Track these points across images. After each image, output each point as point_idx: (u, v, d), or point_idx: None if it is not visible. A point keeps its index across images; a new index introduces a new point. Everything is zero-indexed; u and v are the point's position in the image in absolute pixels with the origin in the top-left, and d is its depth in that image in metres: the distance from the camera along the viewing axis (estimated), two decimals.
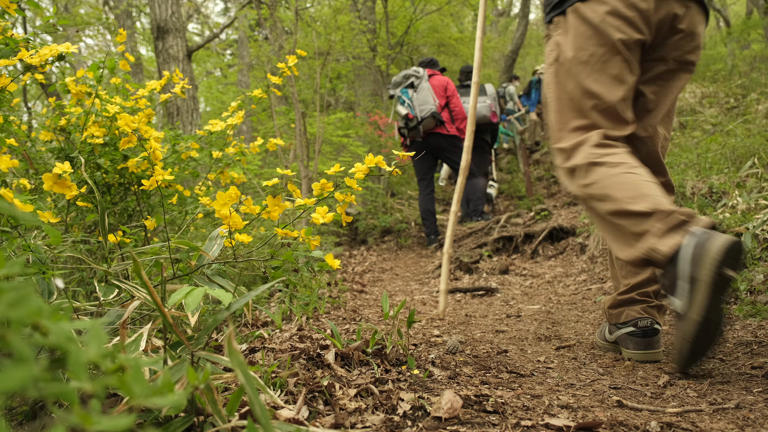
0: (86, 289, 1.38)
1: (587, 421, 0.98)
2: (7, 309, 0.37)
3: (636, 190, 1.38)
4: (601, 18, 1.53)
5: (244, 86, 12.44)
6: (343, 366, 1.23)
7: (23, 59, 1.28)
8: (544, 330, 2.11)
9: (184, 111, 5.83)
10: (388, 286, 3.61)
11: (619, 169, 1.43)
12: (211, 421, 0.75)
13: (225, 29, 9.53)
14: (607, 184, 1.42)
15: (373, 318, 2.24)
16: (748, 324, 1.89)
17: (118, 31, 1.77)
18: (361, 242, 6.13)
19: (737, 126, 4.36)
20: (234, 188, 1.02)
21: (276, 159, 8.07)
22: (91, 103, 1.64)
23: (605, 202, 1.41)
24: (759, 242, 2.37)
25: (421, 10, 9.23)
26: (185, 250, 1.13)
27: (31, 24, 9.41)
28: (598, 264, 3.62)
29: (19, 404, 0.83)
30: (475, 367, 1.42)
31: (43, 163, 1.81)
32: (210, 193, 2.36)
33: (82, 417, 0.36)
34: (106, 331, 0.94)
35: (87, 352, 0.41)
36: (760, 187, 2.97)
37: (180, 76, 1.90)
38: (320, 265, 1.17)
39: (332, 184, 1.13)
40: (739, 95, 6.61)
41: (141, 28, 14.24)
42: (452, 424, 0.96)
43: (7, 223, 1.07)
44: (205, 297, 1.42)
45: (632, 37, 1.52)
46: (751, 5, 9.84)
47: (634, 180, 1.40)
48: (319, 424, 0.90)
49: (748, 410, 1.08)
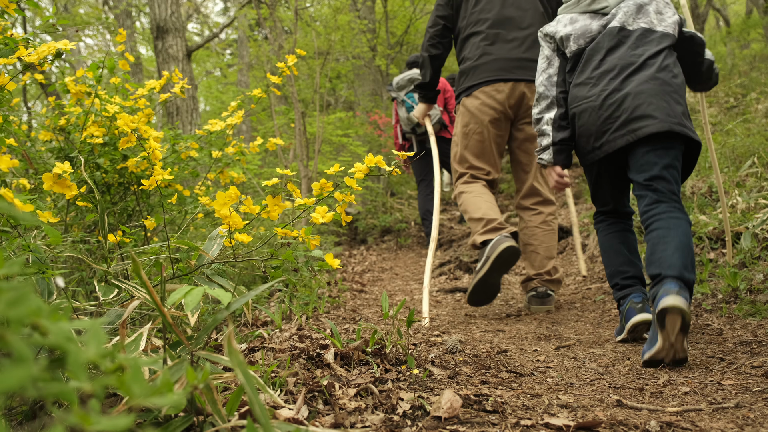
0: (86, 288, 1.38)
1: (587, 421, 0.98)
2: (6, 308, 0.37)
3: (476, 206, 2.48)
4: (476, 107, 2.57)
5: (243, 86, 12.43)
6: (343, 365, 1.23)
7: (22, 57, 1.28)
8: (544, 329, 2.11)
9: (184, 111, 5.83)
10: (388, 286, 3.60)
11: (472, 195, 2.54)
12: (211, 421, 0.75)
13: (224, 29, 9.53)
14: (465, 201, 2.55)
15: (373, 318, 2.24)
16: (747, 323, 1.89)
17: (118, 30, 1.77)
18: (361, 242, 6.13)
19: (737, 125, 4.36)
20: (234, 188, 1.02)
21: (276, 159, 8.07)
22: (91, 103, 1.64)
23: (465, 212, 2.54)
24: (759, 241, 2.37)
25: (420, 9, 9.23)
26: (185, 249, 1.13)
27: (31, 24, 9.41)
28: (598, 263, 3.62)
29: (19, 404, 0.83)
30: (475, 366, 1.42)
31: (42, 162, 1.81)
32: (210, 193, 2.36)
33: (82, 417, 0.36)
34: (105, 331, 0.94)
35: (86, 351, 0.41)
36: (759, 186, 2.97)
37: (179, 75, 1.90)
38: (320, 265, 1.17)
39: (332, 184, 1.13)
40: (739, 94, 6.61)
41: (140, 28, 14.23)
42: (452, 424, 0.96)
43: (7, 223, 1.07)
44: (205, 297, 1.42)
45: (496, 117, 2.57)
46: (750, 4, 9.85)
47: (478, 201, 2.50)
48: (318, 424, 0.90)
49: (747, 409, 1.08)
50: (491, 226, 2.36)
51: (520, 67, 2.53)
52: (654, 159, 1.69)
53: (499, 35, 2.58)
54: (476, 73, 2.58)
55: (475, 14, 2.64)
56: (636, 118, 1.70)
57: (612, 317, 2.32)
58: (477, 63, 2.58)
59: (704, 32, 10.07)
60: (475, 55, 2.60)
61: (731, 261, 2.33)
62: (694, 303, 2.24)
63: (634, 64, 1.75)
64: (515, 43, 2.57)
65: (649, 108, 1.69)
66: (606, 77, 1.78)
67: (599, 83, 1.79)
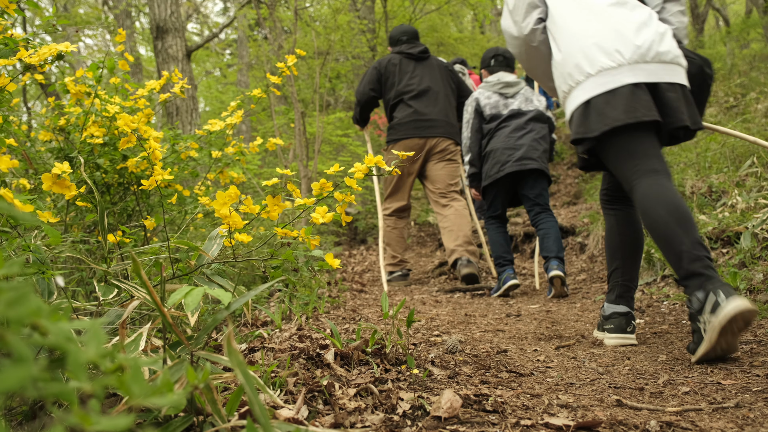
0: (86, 288, 1.38)
1: (587, 420, 0.98)
2: (6, 309, 0.37)
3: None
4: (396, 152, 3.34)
5: (243, 86, 12.42)
6: (343, 365, 1.23)
7: (22, 59, 1.28)
8: (544, 329, 2.11)
9: (184, 111, 5.83)
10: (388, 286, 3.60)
11: (393, 220, 3.82)
12: (211, 421, 0.75)
13: (224, 29, 9.52)
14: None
15: (373, 317, 2.24)
16: None
17: (118, 30, 1.77)
18: (361, 242, 6.12)
19: (736, 125, 4.36)
20: (233, 188, 1.02)
21: (275, 159, 8.06)
22: (91, 103, 1.64)
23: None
24: (758, 241, 2.37)
25: (420, 9, 9.23)
26: (185, 249, 1.13)
27: (31, 24, 9.40)
28: (598, 263, 3.62)
29: (19, 404, 0.83)
30: (475, 366, 1.42)
31: (42, 163, 1.81)
32: (209, 193, 2.36)
33: (82, 417, 0.36)
34: (105, 331, 0.94)
35: (86, 352, 0.41)
36: (759, 186, 2.97)
37: (179, 75, 1.90)
38: (320, 265, 1.17)
39: (332, 184, 1.13)
40: (739, 94, 6.60)
41: (140, 28, 14.23)
42: (452, 424, 0.96)
43: (7, 223, 1.07)
44: (205, 297, 1.41)
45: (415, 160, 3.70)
46: (750, 4, 9.84)
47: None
48: (318, 424, 0.90)
49: (747, 409, 1.08)
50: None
51: (432, 126, 3.65)
52: (536, 184, 3.24)
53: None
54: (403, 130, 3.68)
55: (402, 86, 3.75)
56: (524, 158, 3.17)
57: None
58: (403, 121, 3.67)
59: (704, 32, 10.07)
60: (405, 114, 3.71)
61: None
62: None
63: (525, 129, 3.26)
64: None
65: (531, 154, 3.18)
66: (510, 135, 3.26)
67: (506, 137, 3.26)
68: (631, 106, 1.62)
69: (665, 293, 2.52)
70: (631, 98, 1.62)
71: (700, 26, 8.85)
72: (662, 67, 1.66)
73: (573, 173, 6.69)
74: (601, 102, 1.66)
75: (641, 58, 1.65)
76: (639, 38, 1.66)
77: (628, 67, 1.65)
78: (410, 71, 3.72)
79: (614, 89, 1.64)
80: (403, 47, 3.80)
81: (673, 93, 1.65)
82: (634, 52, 1.65)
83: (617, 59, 1.65)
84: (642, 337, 1.87)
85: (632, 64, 1.65)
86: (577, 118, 1.73)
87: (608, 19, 1.72)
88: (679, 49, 1.71)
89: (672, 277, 2.67)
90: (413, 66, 3.74)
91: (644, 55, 1.65)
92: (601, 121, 1.65)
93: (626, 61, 1.65)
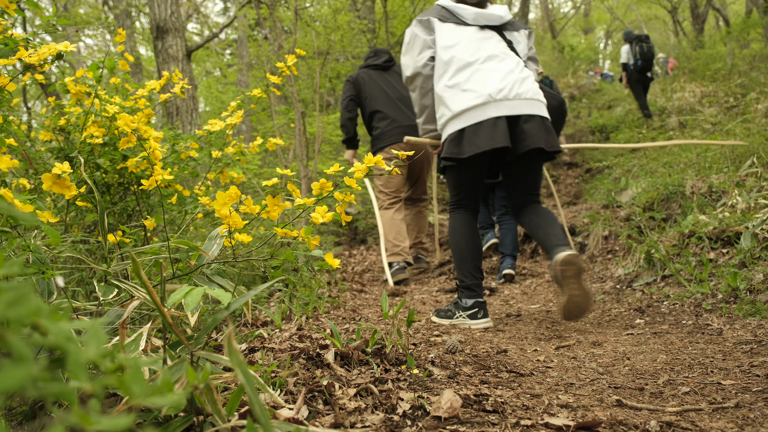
0: (86, 288, 1.38)
1: (587, 421, 0.98)
2: (6, 308, 0.37)
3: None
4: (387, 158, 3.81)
5: (243, 86, 12.43)
6: (343, 365, 1.23)
7: (22, 58, 1.28)
8: (544, 329, 2.11)
9: (184, 111, 5.83)
10: (388, 286, 3.60)
11: (391, 211, 3.86)
12: (211, 421, 0.75)
13: (224, 29, 9.52)
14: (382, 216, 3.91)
15: (373, 317, 2.24)
16: (747, 323, 1.89)
17: (118, 30, 1.77)
18: (361, 242, 6.12)
19: (736, 125, 4.36)
20: (234, 188, 1.02)
21: (275, 159, 8.06)
22: (91, 103, 1.64)
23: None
24: (758, 241, 2.37)
25: (420, 9, 9.23)
26: (185, 249, 1.13)
27: (31, 24, 9.41)
28: (598, 263, 3.62)
29: (19, 404, 0.83)
30: (475, 366, 1.42)
31: (42, 163, 1.81)
32: (209, 193, 2.36)
33: (82, 417, 0.36)
34: (105, 331, 0.94)
35: (86, 351, 0.41)
36: (759, 186, 2.97)
37: (179, 75, 1.90)
38: (320, 265, 1.17)
39: (332, 184, 1.13)
40: (739, 94, 6.61)
41: (140, 28, 14.23)
42: (452, 424, 0.96)
43: (7, 223, 1.07)
44: (205, 297, 1.42)
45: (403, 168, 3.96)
46: (750, 4, 9.83)
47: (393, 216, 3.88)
48: (318, 424, 0.90)
49: (747, 409, 1.08)
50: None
51: (407, 133, 3.78)
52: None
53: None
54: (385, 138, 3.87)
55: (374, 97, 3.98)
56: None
57: (612, 317, 2.32)
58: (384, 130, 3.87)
59: (704, 32, 10.06)
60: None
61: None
62: (694, 302, 2.27)
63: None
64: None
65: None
66: None
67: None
68: (491, 136, 2.09)
69: (665, 293, 2.52)
70: (492, 129, 2.09)
71: (700, 26, 8.85)
72: (523, 102, 2.15)
73: (573, 173, 6.69)
74: (470, 131, 2.13)
75: (504, 97, 2.13)
76: (503, 82, 2.14)
77: (494, 103, 2.12)
78: (380, 81, 3.95)
79: (481, 122, 2.11)
80: (369, 61, 4.07)
81: (532, 122, 2.13)
82: (499, 92, 2.12)
83: (485, 98, 2.12)
84: (642, 337, 1.87)
85: (497, 102, 2.12)
86: (449, 143, 2.20)
87: (482, 69, 2.19)
88: (539, 89, 2.26)
89: (672, 277, 2.67)
90: (383, 76, 3.98)
91: (507, 94, 2.13)
92: (470, 146, 2.12)
93: (492, 98, 2.12)
